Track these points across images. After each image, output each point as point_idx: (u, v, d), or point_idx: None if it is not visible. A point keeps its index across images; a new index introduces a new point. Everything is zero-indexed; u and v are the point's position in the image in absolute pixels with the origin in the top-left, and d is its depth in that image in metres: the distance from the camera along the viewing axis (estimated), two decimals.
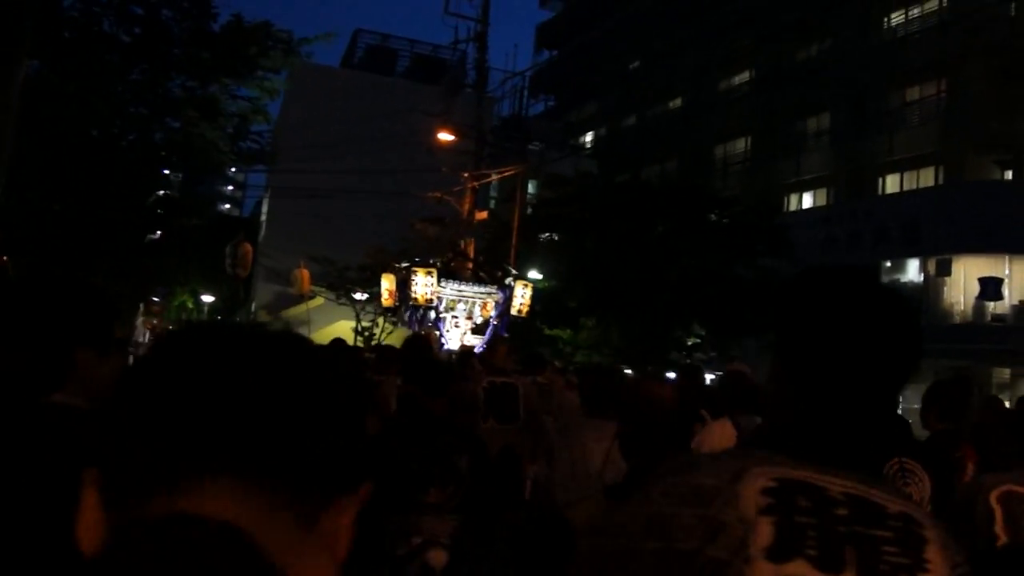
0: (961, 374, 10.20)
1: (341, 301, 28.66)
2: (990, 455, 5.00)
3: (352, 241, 28.85)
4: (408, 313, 16.43)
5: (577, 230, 27.09)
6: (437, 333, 15.66)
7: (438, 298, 15.70)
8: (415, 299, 15.43)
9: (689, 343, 27.87)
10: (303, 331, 21.55)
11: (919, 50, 30.54)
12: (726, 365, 10.77)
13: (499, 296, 16.29)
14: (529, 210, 32.58)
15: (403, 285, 16.43)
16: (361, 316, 29.22)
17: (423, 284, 15.37)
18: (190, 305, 32.26)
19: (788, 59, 37.49)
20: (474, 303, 16.27)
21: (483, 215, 25.50)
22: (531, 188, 37.46)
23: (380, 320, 28.84)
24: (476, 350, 14.97)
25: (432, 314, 15.79)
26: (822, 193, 36.84)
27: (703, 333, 27.85)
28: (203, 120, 16.83)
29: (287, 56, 17.52)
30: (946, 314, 30.62)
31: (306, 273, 26.74)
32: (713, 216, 27.88)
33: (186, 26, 15.99)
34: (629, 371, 25.62)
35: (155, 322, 26.28)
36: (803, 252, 27.11)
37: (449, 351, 14.55)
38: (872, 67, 32.15)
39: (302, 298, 29.49)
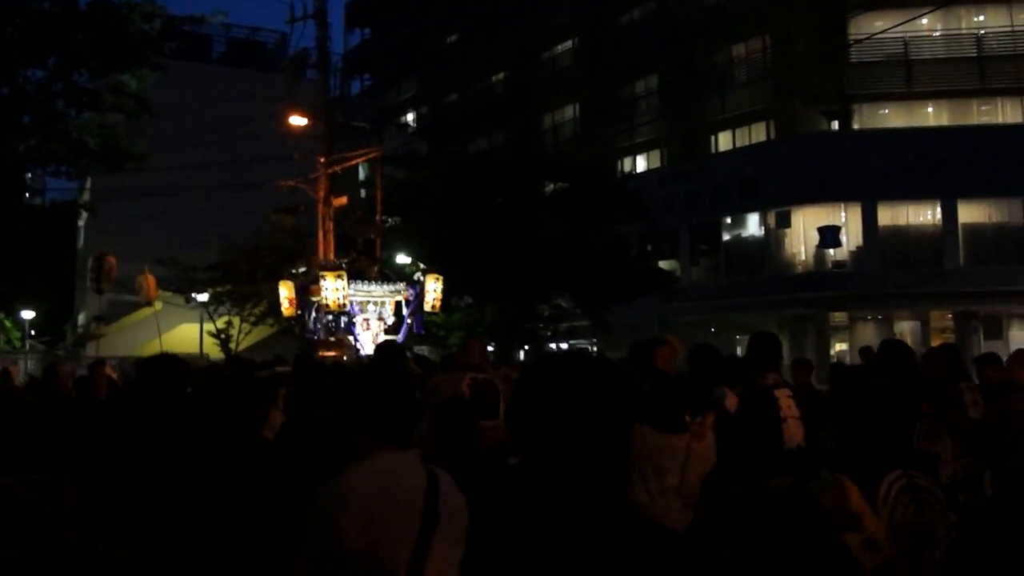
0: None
1: (192, 305, 26.79)
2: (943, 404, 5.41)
3: (193, 240, 26.93)
4: (313, 320, 15.41)
5: (434, 211, 26.22)
6: (351, 338, 14.78)
7: (349, 302, 14.69)
8: (327, 305, 14.35)
9: (547, 315, 27.90)
10: (147, 337, 19.83)
11: (741, 7, 31.02)
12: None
13: (409, 293, 15.50)
14: (363, 193, 31.67)
15: (303, 292, 15.46)
16: (214, 318, 27.46)
17: (333, 289, 14.26)
18: (8, 324, 29.17)
19: (612, 24, 37.77)
20: (383, 303, 15.39)
21: (342, 201, 24.16)
22: (361, 172, 36.26)
23: (236, 320, 27.27)
24: None
25: (344, 320, 14.83)
26: (655, 155, 37.47)
27: (560, 304, 27.92)
28: (71, 115, 14.90)
29: (166, 41, 15.78)
30: (788, 264, 31.85)
31: (151, 279, 24.79)
32: (552, 185, 27.71)
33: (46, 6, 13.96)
34: (490, 348, 25.54)
35: None
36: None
37: (366, 355, 13.89)
38: (696, 26, 32.55)
39: (140, 305, 27.33)
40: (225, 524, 4.05)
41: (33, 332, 29.67)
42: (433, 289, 15.44)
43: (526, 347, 27.10)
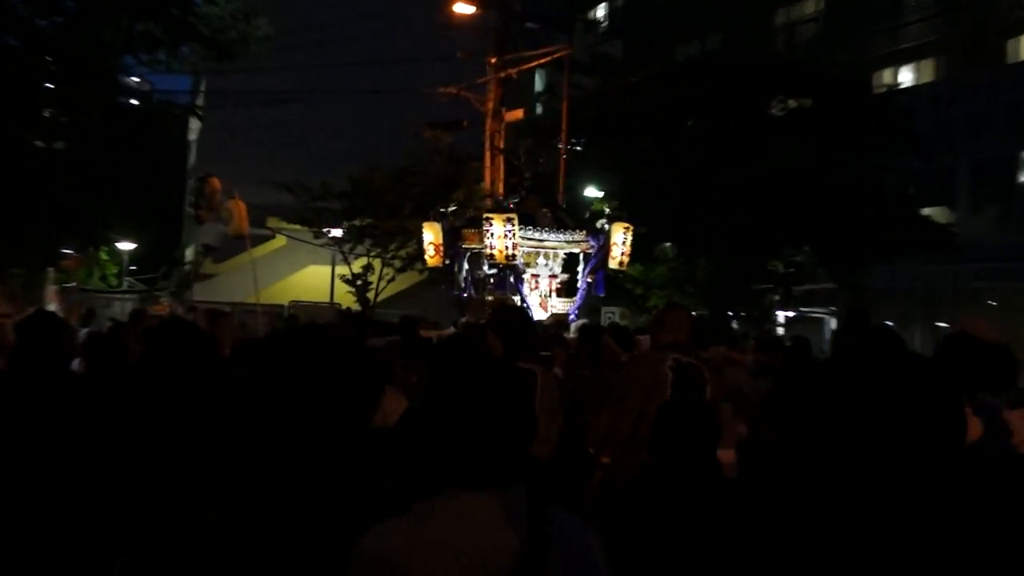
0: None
1: (323, 242, 23.17)
2: None
3: (325, 161, 23.97)
4: (464, 274, 13.71)
5: (632, 132, 22.48)
6: (517, 298, 12.81)
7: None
8: (492, 256, 12.64)
9: (781, 272, 23.55)
10: (266, 281, 17.21)
11: None
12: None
13: (590, 245, 13.52)
14: (539, 108, 28.75)
15: (453, 237, 13.70)
16: (350, 259, 24.17)
17: (501, 235, 12.39)
18: (104, 257, 26.20)
19: None
20: (556, 256, 13.64)
21: (517, 115, 20.52)
22: (538, 84, 32.69)
23: (376, 264, 23.34)
24: (570, 319, 12.89)
25: (511, 274, 13.07)
26: (927, 66, 31.26)
27: (798, 260, 23.62)
28: None
29: None
30: None
31: (242, 205, 20.74)
32: (788, 102, 24.01)
33: None
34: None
35: (69, 285, 20.28)
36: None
37: (539, 323, 11.90)
38: None
39: (262, 239, 24.03)
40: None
41: (134, 268, 26.64)
42: (621, 242, 13.61)
43: (742, 314, 22.32)
